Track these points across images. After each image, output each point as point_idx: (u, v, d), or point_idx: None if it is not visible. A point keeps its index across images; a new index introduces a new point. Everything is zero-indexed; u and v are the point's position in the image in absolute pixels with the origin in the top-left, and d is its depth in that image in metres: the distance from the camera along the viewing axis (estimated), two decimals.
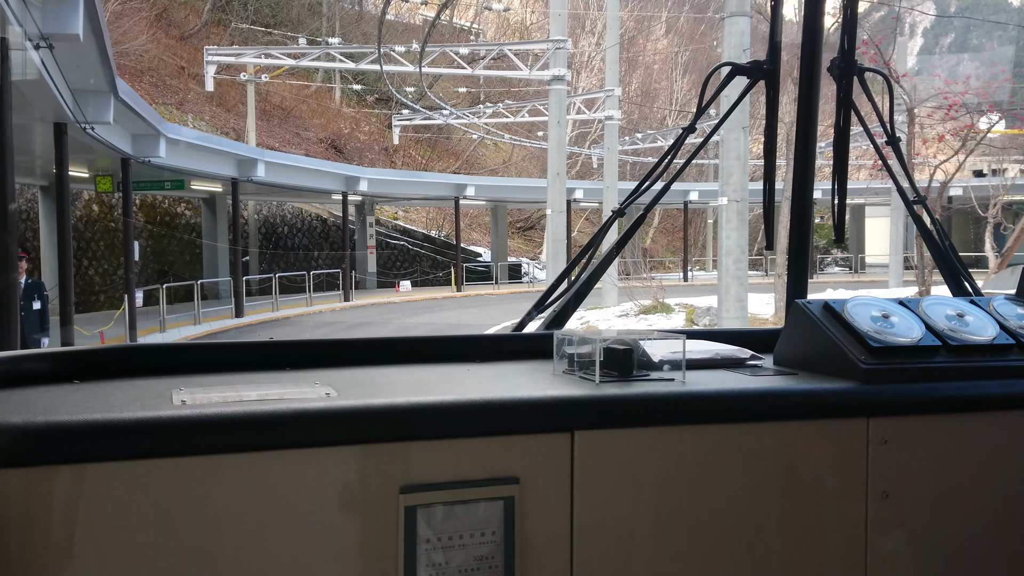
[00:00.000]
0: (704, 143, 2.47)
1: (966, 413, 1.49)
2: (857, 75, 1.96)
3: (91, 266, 27.54)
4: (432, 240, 40.50)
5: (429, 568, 1.24)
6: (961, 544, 1.50)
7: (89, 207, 28.09)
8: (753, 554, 1.40)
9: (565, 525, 1.31)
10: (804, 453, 1.42)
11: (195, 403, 1.24)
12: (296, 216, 35.80)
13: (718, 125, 2.35)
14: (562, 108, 21.33)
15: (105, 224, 27.94)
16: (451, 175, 36.96)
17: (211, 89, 28.13)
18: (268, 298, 27.00)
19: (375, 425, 1.23)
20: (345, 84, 45.08)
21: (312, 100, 43.18)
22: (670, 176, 2.06)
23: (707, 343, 1.75)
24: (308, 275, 27.52)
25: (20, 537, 1.09)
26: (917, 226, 2.04)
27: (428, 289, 34.44)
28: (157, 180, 23.59)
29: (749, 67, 1.96)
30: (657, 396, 1.38)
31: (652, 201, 2.10)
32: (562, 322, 1.93)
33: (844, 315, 1.55)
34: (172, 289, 24.72)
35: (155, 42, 34.69)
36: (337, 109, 44.55)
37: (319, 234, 36.38)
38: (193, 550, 1.15)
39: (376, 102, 46.77)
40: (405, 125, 38.40)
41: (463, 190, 33.09)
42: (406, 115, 37.01)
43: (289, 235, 35.22)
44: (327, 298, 28.91)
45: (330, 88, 45.51)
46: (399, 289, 31.29)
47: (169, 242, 30.33)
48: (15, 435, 1.09)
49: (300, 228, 35.80)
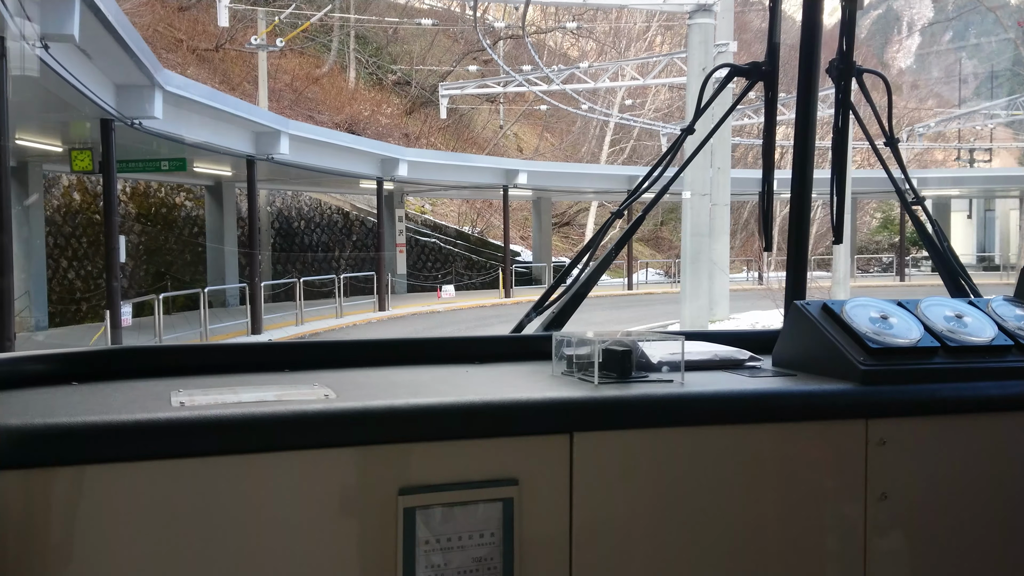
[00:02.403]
0: (703, 144, 2.26)
1: (965, 414, 1.50)
2: (856, 76, 1.99)
3: (71, 268, 22.52)
4: (466, 237, 35.40)
5: (428, 569, 1.24)
6: (959, 545, 1.50)
7: (69, 195, 23.02)
8: (751, 555, 1.40)
9: (564, 526, 1.31)
10: (802, 454, 1.43)
11: (194, 405, 1.24)
12: (314, 208, 30.69)
13: (717, 126, 2.28)
14: (707, 50, 15.70)
15: (89, 216, 23.02)
16: (503, 159, 31.67)
17: (225, 24, 22.77)
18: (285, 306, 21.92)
19: (374, 427, 1.23)
20: (361, 67, 41.39)
21: (325, 81, 38.59)
22: (668, 179, 2.04)
23: (706, 344, 1.76)
24: (338, 280, 22.38)
25: (19, 539, 1.09)
26: (916, 227, 2.08)
27: (470, 293, 29.31)
28: (151, 159, 18.44)
29: (747, 68, 1.98)
30: (656, 397, 1.38)
31: (652, 202, 2.11)
32: (561, 323, 1.92)
33: (843, 316, 1.55)
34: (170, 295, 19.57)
35: (150, 11, 29.83)
36: (352, 91, 40.00)
37: (340, 230, 31.29)
38: (192, 552, 1.15)
39: (395, 85, 42.48)
40: (455, 94, 32.93)
41: (514, 177, 27.95)
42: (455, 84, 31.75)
43: (306, 231, 30.10)
44: (358, 306, 23.84)
45: (343, 67, 41.20)
46: (441, 295, 26.16)
47: (167, 238, 25.18)
48: (13, 437, 1.09)
49: (319, 223, 30.68)
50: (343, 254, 30.85)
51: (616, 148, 44.43)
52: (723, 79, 2.06)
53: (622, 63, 28.36)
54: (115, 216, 13.71)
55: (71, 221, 23.13)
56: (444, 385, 1.46)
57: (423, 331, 20.14)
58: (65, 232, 22.87)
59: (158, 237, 25.29)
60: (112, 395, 1.34)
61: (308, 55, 39.80)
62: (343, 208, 31.83)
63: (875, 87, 2.09)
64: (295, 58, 38.36)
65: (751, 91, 2.03)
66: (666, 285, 34.67)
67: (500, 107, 43.35)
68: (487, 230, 38.82)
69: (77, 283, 22.83)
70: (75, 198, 23.46)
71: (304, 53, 39.45)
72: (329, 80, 39.56)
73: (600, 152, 43.77)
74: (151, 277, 24.36)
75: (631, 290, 31.81)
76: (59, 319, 21.24)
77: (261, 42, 26.28)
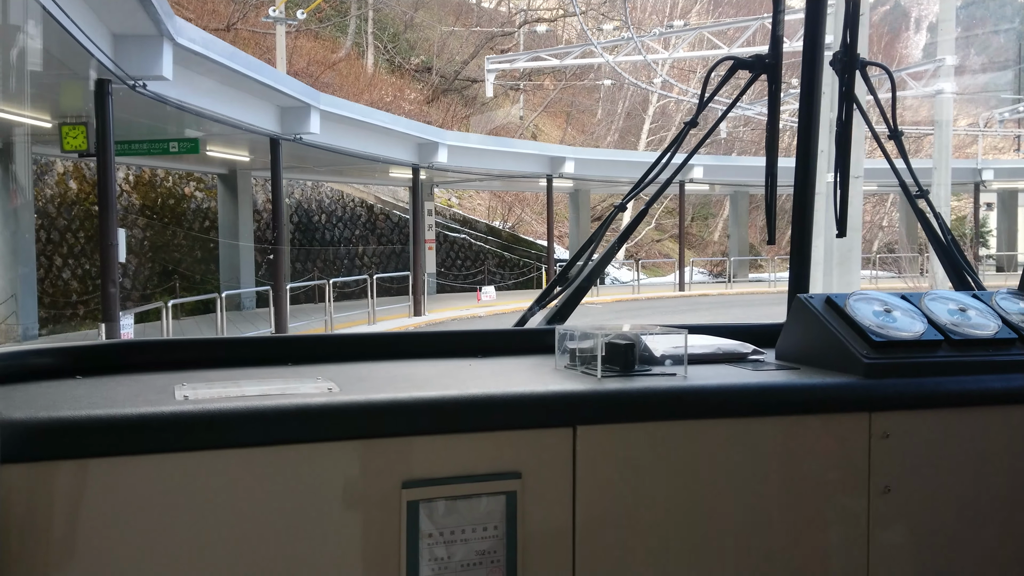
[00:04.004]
0: (706, 137, 2.23)
1: (968, 407, 1.50)
2: (859, 69, 1.99)
3: (66, 266, 19.80)
4: (497, 232, 32.57)
5: (431, 562, 1.24)
6: (962, 538, 1.50)
7: (64, 183, 20.28)
8: (755, 549, 1.40)
9: (567, 519, 1.31)
10: (806, 448, 1.43)
11: (197, 398, 1.24)
12: (336, 201, 27.88)
13: (720, 119, 2.23)
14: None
15: (87, 208, 20.34)
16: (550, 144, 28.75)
17: None
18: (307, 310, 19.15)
19: (377, 420, 1.23)
20: (379, 53, 39.47)
21: (342, 66, 36.24)
22: (672, 170, 2.05)
23: (709, 338, 1.75)
24: (370, 281, 19.56)
25: (23, 532, 1.09)
26: (919, 220, 2.08)
27: (508, 295, 26.44)
28: (158, 140, 15.68)
29: (751, 61, 1.99)
30: (659, 391, 1.38)
31: (654, 196, 2.09)
32: (564, 317, 1.92)
33: (846, 310, 1.55)
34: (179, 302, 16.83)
35: None
36: (370, 77, 37.65)
37: (364, 224, 28.48)
38: (195, 545, 1.15)
39: (416, 72, 40.12)
40: (503, 69, 30.10)
41: (559, 165, 25.11)
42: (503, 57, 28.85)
43: (327, 225, 27.30)
44: (390, 310, 21.07)
45: (361, 53, 38.80)
46: (481, 298, 23.35)
47: (175, 233, 22.40)
48: (18, 430, 1.09)
49: (341, 216, 27.87)
50: (367, 250, 28.02)
51: (656, 137, 41.58)
52: (727, 72, 2.03)
53: (676, 29, 25.48)
54: (112, 204, 10.92)
55: (66, 213, 20.37)
56: (447, 379, 1.45)
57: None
58: (60, 226, 20.15)
59: (165, 231, 22.53)
60: (116, 389, 1.34)
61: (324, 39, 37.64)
62: (366, 200, 29.04)
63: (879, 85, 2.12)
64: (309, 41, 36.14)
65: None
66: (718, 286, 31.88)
67: (521, 96, 41.62)
68: (518, 225, 36.15)
69: (73, 284, 20.11)
70: (71, 187, 20.71)
71: (319, 37, 37.36)
72: (347, 65, 37.20)
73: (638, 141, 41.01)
74: (157, 277, 21.61)
75: (683, 291, 28.93)
76: (52, 326, 18.54)
77: (279, 14, 23.51)
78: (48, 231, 19.86)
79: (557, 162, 25.17)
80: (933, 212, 2.07)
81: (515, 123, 41.75)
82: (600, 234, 2.01)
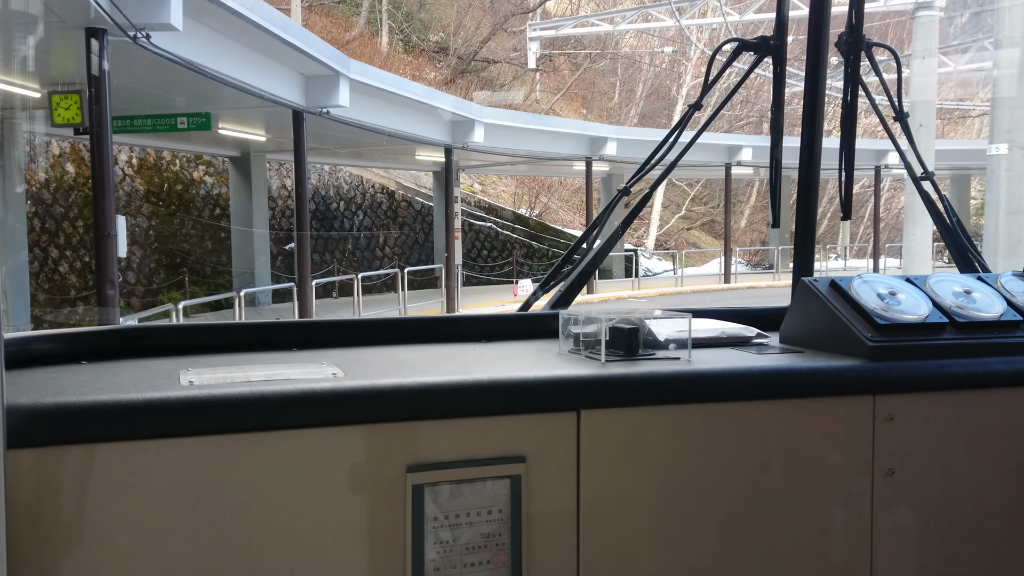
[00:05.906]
0: (711, 120, 2.27)
1: (972, 390, 1.50)
2: (865, 50, 1.98)
3: (63, 258, 17.86)
4: (524, 221, 30.52)
5: (437, 546, 1.25)
6: (966, 520, 1.50)
7: (60, 166, 18.30)
8: (759, 532, 1.41)
9: (571, 503, 1.32)
10: (810, 431, 1.43)
11: (203, 384, 1.24)
12: (355, 187, 25.85)
13: (725, 101, 2.29)
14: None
15: (86, 194, 18.35)
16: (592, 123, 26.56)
17: None
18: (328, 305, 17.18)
19: (382, 405, 1.24)
20: (394, 33, 38.08)
21: (355, 45, 34.49)
22: (678, 152, 2.03)
23: (713, 322, 1.74)
24: (401, 275, 17.56)
25: (30, 517, 1.10)
26: (924, 202, 2.08)
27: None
28: (164, 114, 13.71)
29: (756, 43, 1.99)
30: (663, 375, 1.38)
31: (658, 179, 2.08)
32: (568, 301, 1.92)
33: (850, 293, 1.55)
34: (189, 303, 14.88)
35: None
36: (385, 57, 35.89)
37: (385, 212, 26.46)
38: (201, 530, 1.16)
39: (433, 52, 38.38)
40: (549, 37, 28.09)
41: (600, 147, 23.03)
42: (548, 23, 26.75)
43: (346, 213, 25.28)
44: (419, 305, 19.09)
45: (375, 32, 37.07)
46: (517, 292, 21.36)
47: (183, 221, 20.41)
48: (24, 416, 1.10)
49: (360, 204, 25.85)
50: (388, 239, 26.01)
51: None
52: (731, 53, 2.05)
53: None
54: (109, 186, 8.91)
55: (63, 200, 18.40)
56: (451, 363, 1.45)
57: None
58: (56, 213, 18.21)
59: (172, 220, 20.54)
60: (121, 374, 1.35)
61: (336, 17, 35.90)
62: (387, 187, 26.99)
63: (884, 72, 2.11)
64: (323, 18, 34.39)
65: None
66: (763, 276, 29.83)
67: (537, 76, 40.08)
68: (544, 213, 34.17)
69: (71, 278, 18.16)
70: (68, 170, 18.70)
71: (332, 15, 35.63)
72: (360, 44, 35.28)
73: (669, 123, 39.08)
74: (164, 270, 19.64)
75: (728, 283, 26.89)
76: (48, 324, 16.61)
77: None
78: (43, 219, 17.94)
79: (598, 143, 23.08)
80: (938, 194, 2.06)
81: (533, 106, 40.00)
82: (604, 218, 2.05)
